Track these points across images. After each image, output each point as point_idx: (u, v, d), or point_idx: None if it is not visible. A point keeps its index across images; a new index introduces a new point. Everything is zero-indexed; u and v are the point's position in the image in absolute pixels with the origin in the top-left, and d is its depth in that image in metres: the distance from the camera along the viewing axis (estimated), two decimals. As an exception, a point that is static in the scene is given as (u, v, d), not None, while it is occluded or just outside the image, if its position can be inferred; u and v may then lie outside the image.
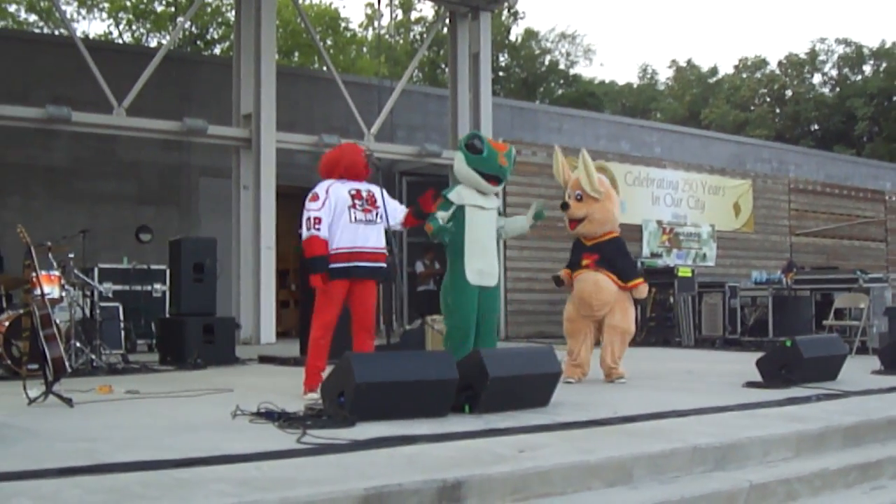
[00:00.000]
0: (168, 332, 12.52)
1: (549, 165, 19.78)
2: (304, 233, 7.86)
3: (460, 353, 7.75)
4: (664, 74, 54.94)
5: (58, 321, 8.30)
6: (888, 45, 46.93)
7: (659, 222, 21.78)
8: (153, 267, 14.92)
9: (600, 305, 9.35)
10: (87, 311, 11.35)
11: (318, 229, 7.80)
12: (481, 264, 8.50)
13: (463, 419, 6.35)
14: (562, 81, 48.74)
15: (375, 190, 8.14)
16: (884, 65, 46.51)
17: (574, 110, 29.14)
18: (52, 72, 17.52)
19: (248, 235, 17.00)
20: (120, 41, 35.36)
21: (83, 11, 36.40)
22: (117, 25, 36.82)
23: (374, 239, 8.00)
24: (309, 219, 7.83)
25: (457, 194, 8.64)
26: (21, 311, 9.85)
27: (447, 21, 21.03)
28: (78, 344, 10.54)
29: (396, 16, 40.51)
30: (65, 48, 17.44)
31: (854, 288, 14.66)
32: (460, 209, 8.58)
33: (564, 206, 9.52)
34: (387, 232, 8.14)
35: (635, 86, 53.67)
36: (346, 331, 8.18)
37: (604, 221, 9.54)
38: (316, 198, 7.89)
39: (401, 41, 40.94)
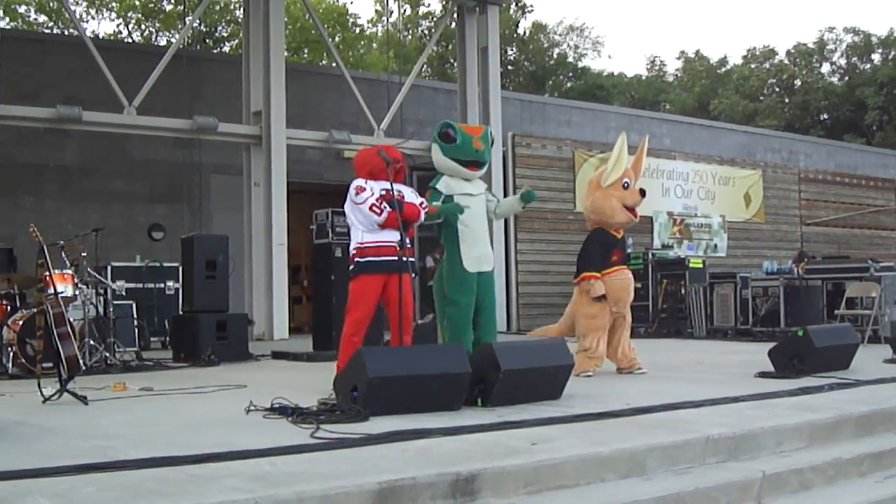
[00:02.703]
0: (181, 329, 12.55)
1: (559, 158, 20.17)
2: (379, 219, 7.67)
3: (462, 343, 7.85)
4: (673, 66, 54.95)
5: (71, 319, 8.34)
6: (896, 33, 46.78)
7: (669, 213, 21.76)
8: (166, 264, 14.96)
9: (628, 303, 9.51)
10: (101, 310, 11.39)
11: (384, 207, 7.72)
12: (477, 251, 8.57)
13: (475, 412, 6.36)
14: (570, 74, 48.63)
15: (405, 190, 8.08)
16: (892, 53, 46.29)
17: (583, 103, 29.14)
18: (63, 72, 17.57)
19: (260, 232, 17.03)
20: (129, 40, 35.41)
21: (92, 11, 36.48)
22: (126, 25, 36.89)
23: (399, 236, 7.94)
24: (372, 206, 7.67)
25: (444, 184, 8.62)
26: (35, 310, 9.87)
27: (455, 15, 21.04)
28: (92, 342, 10.59)
29: (405, 11, 40.56)
30: (75, 48, 17.48)
31: (865, 277, 14.62)
32: (450, 199, 8.54)
33: (643, 194, 9.55)
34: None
35: (644, 77, 53.53)
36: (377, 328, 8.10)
37: None
38: (362, 189, 7.79)
39: (409, 36, 40.92)
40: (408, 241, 7.77)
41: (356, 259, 7.82)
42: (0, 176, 17.01)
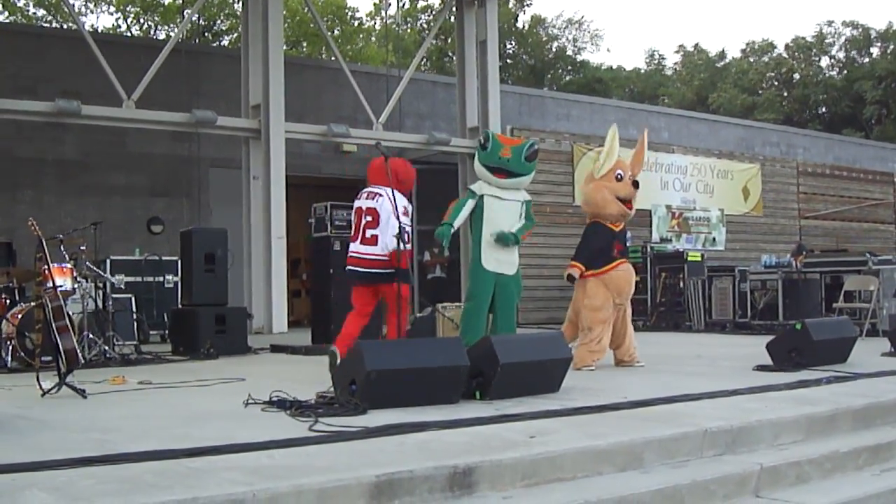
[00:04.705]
0: (180, 322, 12.55)
1: (557, 152, 20.15)
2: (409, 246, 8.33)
3: (471, 335, 8.09)
4: (671, 59, 54.91)
5: (70, 313, 8.34)
6: (895, 27, 46.70)
7: (668, 207, 21.74)
8: (165, 258, 14.96)
9: (630, 295, 9.61)
10: (100, 303, 11.40)
11: None
12: (498, 252, 8.92)
13: (474, 406, 6.38)
14: (569, 68, 48.66)
15: None
16: (891, 47, 46.27)
17: (582, 96, 29.11)
18: (62, 66, 17.54)
19: (259, 225, 17.01)
20: (128, 34, 35.38)
21: (91, 5, 36.47)
22: (125, 18, 36.86)
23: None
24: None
25: (478, 185, 9.23)
26: (34, 304, 9.88)
27: (454, 9, 20.99)
28: (91, 335, 10.60)
29: (403, 4, 40.51)
30: (73, 42, 17.46)
31: (864, 270, 14.63)
32: (481, 199, 9.08)
33: (636, 185, 9.61)
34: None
35: (643, 71, 53.56)
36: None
37: None
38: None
39: (408, 30, 40.88)
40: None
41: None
42: (-1, 170, 17.03)
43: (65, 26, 32.04)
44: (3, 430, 5.67)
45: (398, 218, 8.08)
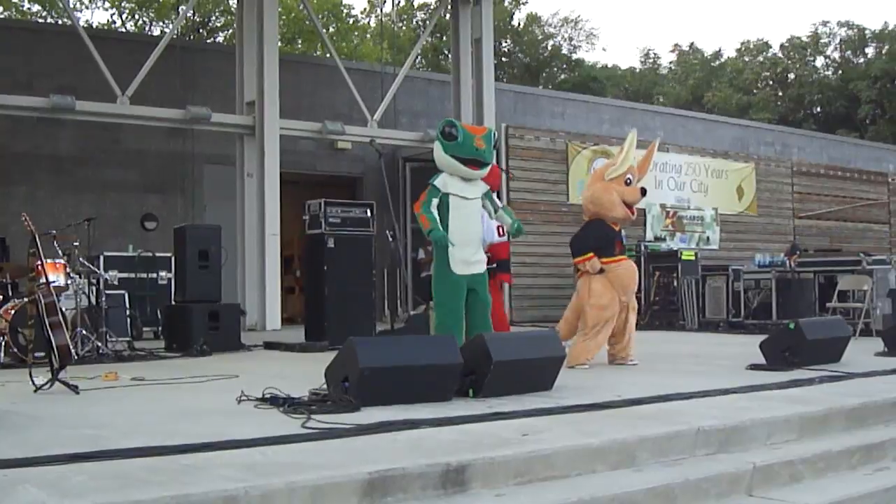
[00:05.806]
0: (174, 318, 12.54)
1: (552, 150, 20.16)
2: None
3: None
4: (667, 58, 54.90)
5: (63, 309, 8.33)
6: (890, 27, 46.79)
7: (662, 206, 21.75)
8: (158, 254, 14.93)
9: (634, 291, 9.63)
10: (93, 299, 11.37)
11: None
12: (465, 254, 8.59)
13: (467, 403, 6.38)
14: (564, 66, 48.63)
15: None
16: (886, 47, 46.34)
17: (577, 95, 29.11)
18: (56, 61, 17.50)
19: (253, 222, 16.99)
20: (123, 30, 35.31)
21: (86, 1, 36.39)
22: (120, 14, 36.78)
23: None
24: None
25: (442, 182, 8.67)
26: (26, 300, 9.87)
27: (449, 7, 20.97)
28: (84, 331, 10.57)
29: (399, 2, 40.48)
30: (68, 37, 17.42)
31: (857, 270, 14.65)
32: (445, 197, 8.63)
33: (644, 193, 9.67)
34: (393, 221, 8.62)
35: (638, 70, 53.59)
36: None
37: None
38: None
39: (403, 27, 40.85)
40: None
41: None
42: (-8, 165, 16.99)
43: (60, 22, 31.98)
44: (-4, 426, 5.66)
45: (492, 217, 9.17)
